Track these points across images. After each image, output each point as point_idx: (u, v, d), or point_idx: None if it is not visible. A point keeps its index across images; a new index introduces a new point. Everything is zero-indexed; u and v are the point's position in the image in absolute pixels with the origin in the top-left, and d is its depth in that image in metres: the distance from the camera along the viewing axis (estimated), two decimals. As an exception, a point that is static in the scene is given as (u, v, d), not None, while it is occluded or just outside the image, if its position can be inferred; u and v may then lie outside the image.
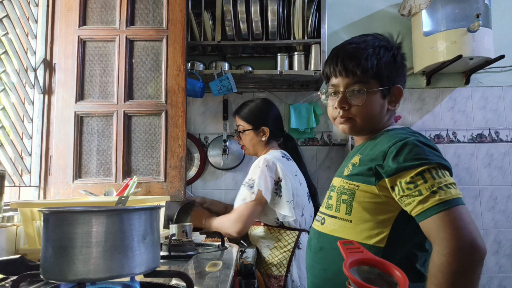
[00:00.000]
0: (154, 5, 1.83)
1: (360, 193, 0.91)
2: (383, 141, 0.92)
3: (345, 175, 0.97)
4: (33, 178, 1.71)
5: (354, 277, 0.58)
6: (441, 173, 0.81)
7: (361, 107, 0.97)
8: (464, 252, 0.74)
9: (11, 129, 1.61)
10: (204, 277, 0.89)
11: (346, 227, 0.93)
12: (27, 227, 1.19)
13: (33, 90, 1.74)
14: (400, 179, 0.83)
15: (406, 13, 2.12)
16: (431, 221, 0.78)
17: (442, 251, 0.75)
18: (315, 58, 1.98)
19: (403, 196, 0.83)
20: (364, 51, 0.97)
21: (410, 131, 0.93)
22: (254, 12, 1.93)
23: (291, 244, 1.57)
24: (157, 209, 0.71)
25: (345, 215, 0.94)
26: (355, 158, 0.97)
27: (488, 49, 1.97)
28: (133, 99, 1.79)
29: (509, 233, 2.15)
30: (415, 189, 0.80)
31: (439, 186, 0.79)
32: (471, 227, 0.76)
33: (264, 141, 1.75)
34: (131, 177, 1.65)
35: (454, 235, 0.75)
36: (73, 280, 0.60)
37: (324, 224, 1.00)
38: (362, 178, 0.91)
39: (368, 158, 0.91)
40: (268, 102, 1.81)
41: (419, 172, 0.81)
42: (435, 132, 2.23)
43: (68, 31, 1.79)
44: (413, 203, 0.81)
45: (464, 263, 0.74)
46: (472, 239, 0.74)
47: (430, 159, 0.82)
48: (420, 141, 0.86)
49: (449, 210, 0.77)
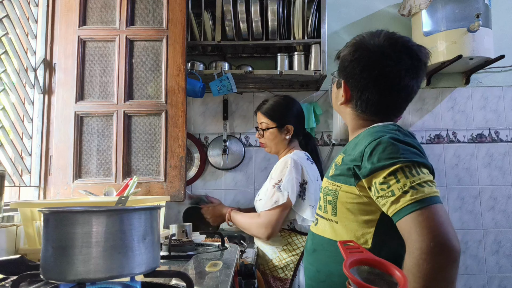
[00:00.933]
0: (154, 5, 1.83)
1: (343, 194, 0.90)
2: (362, 140, 0.90)
3: (329, 176, 0.97)
4: (33, 178, 1.71)
5: (354, 277, 0.58)
6: (415, 171, 0.78)
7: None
8: (435, 253, 0.70)
9: (11, 129, 1.61)
10: (204, 277, 0.89)
11: (333, 228, 0.93)
12: (27, 227, 1.20)
13: (33, 90, 1.74)
14: (375, 180, 0.81)
15: (406, 13, 2.12)
16: (404, 222, 0.75)
17: (413, 252, 0.73)
18: (315, 58, 1.98)
19: (378, 197, 0.81)
20: None
21: (391, 128, 0.90)
22: (254, 12, 1.93)
23: (300, 248, 1.54)
24: (157, 209, 0.71)
25: (331, 216, 0.94)
26: (338, 158, 0.97)
27: (488, 49, 1.97)
28: (133, 99, 1.79)
29: (509, 233, 2.15)
30: (388, 190, 0.78)
31: (412, 185, 0.76)
32: (444, 226, 0.72)
33: (287, 139, 1.69)
34: (131, 177, 1.65)
35: (426, 235, 0.72)
36: (73, 280, 0.60)
37: (317, 225, 1.01)
38: (344, 178, 0.90)
39: (349, 159, 0.90)
40: (291, 99, 1.75)
41: (392, 171, 0.78)
42: (435, 132, 2.23)
43: (68, 31, 1.79)
44: (387, 204, 0.79)
45: (435, 264, 0.70)
46: (445, 240, 0.71)
47: (403, 157, 0.79)
48: (395, 138, 0.83)
49: (421, 209, 0.74)
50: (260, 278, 1.42)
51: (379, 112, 0.98)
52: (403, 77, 0.93)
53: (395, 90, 0.94)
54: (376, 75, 0.93)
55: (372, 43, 0.95)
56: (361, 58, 0.95)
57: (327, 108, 2.23)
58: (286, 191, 1.49)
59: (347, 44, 1.02)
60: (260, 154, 2.23)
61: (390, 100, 0.96)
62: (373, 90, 0.95)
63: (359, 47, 0.97)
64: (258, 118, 1.73)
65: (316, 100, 2.23)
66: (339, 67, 1.03)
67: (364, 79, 0.95)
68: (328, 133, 2.24)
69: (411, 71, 0.93)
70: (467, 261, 2.14)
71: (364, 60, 0.95)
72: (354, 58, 0.96)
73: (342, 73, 1.01)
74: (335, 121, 2.13)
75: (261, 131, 1.72)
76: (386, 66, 0.92)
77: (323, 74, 1.96)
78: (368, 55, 0.94)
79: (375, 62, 0.93)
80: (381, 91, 0.95)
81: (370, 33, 0.99)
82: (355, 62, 0.96)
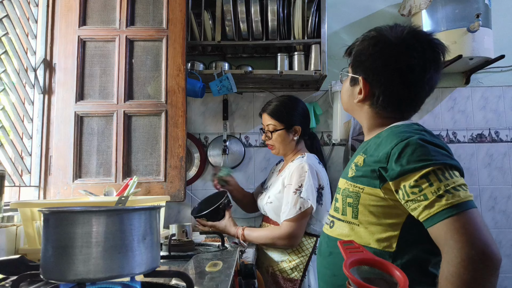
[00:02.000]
0: (154, 5, 1.83)
1: (365, 196, 0.86)
2: (386, 140, 0.86)
3: (349, 177, 0.93)
4: (33, 178, 1.71)
5: (354, 277, 0.58)
6: (448, 174, 0.75)
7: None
8: (476, 261, 0.68)
9: (11, 129, 1.61)
10: (204, 277, 0.89)
11: (354, 230, 0.89)
12: (27, 227, 1.20)
13: (33, 90, 1.74)
14: (404, 183, 0.77)
15: (406, 13, 2.12)
16: (439, 228, 0.72)
17: (451, 260, 0.69)
18: (315, 58, 1.98)
19: (408, 201, 0.77)
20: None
21: (416, 128, 0.87)
22: (254, 12, 1.93)
23: (309, 249, 1.53)
24: (157, 209, 0.71)
25: (351, 218, 0.90)
26: (359, 158, 0.93)
27: (488, 49, 1.97)
28: (133, 99, 1.79)
29: (509, 233, 2.15)
30: (420, 193, 0.75)
31: (446, 189, 0.73)
32: (483, 233, 0.69)
33: (295, 140, 1.66)
34: (131, 177, 1.65)
35: (465, 242, 0.68)
36: (73, 280, 0.60)
37: (333, 227, 0.97)
38: (367, 180, 0.86)
39: (373, 160, 0.86)
40: (296, 99, 1.72)
41: (424, 174, 0.75)
42: (435, 132, 2.22)
43: (68, 31, 1.79)
44: (419, 209, 0.75)
45: (476, 273, 0.67)
46: (485, 246, 0.68)
47: (435, 159, 0.76)
48: (424, 139, 0.80)
49: (458, 215, 0.70)
50: (260, 278, 1.42)
51: (401, 108, 0.95)
52: (428, 69, 0.90)
53: (421, 83, 0.91)
54: (402, 68, 0.89)
55: (394, 35, 0.91)
56: (383, 51, 0.90)
57: (327, 108, 2.23)
58: (308, 197, 1.47)
59: (362, 39, 0.96)
60: (260, 154, 2.23)
61: (416, 93, 0.93)
62: (399, 84, 0.91)
63: (380, 40, 0.92)
64: (264, 120, 1.69)
65: (316, 100, 2.23)
66: (353, 63, 0.98)
67: (388, 73, 0.90)
68: (328, 133, 2.24)
69: (434, 63, 0.90)
70: (467, 261, 2.14)
71: (387, 53, 0.90)
72: (375, 52, 0.91)
73: (359, 68, 0.95)
74: (335, 121, 2.13)
75: (268, 133, 1.67)
76: (412, 58, 0.88)
77: (323, 74, 1.96)
78: (391, 47, 0.90)
79: (400, 54, 0.89)
80: (408, 85, 0.91)
81: (387, 26, 0.94)
82: (376, 55, 0.91)
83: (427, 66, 0.89)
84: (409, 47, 0.89)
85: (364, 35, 0.97)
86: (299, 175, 1.51)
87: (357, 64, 0.97)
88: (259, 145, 2.21)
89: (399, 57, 0.90)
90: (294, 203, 1.47)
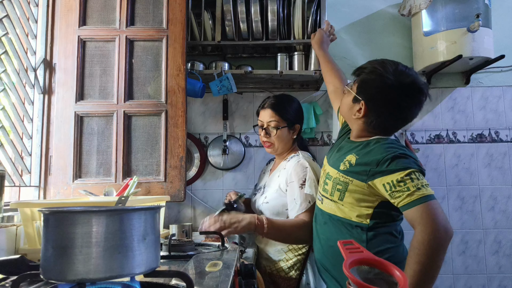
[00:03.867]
0: (154, 5, 1.83)
1: (352, 186, 1.19)
2: (377, 151, 1.16)
3: (341, 169, 1.23)
4: (33, 178, 1.71)
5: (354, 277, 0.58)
6: (420, 176, 1.09)
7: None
8: (441, 233, 1.01)
9: (11, 129, 1.61)
10: (204, 277, 0.89)
11: (340, 208, 1.24)
12: (27, 227, 1.20)
13: (33, 90, 1.74)
14: (392, 178, 1.10)
15: (406, 13, 2.12)
16: (416, 209, 1.04)
17: (425, 230, 1.01)
18: (315, 58, 1.98)
19: (394, 191, 1.08)
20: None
21: (399, 145, 1.20)
22: (254, 12, 1.93)
23: (306, 247, 1.54)
24: (157, 209, 0.71)
25: (338, 200, 1.24)
26: (351, 157, 1.22)
27: (488, 49, 1.97)
28: (133, 99, 1.79)
29: (509, 233, 2.15)
30: (404, 186, 1.07)
31: (422, 185, 1.07)
32: (443, 215, 1.04)
33: (293, 139, 1.68)
34: (131, 177, 1.66)
35: (434, 220, 1.02)
36: (73, 280, 0.60)
37: (323, 203, 1.31)
38: (357, 175, 1.18)
39: (364, 162, 1.17)
40: (293, 97, 1.73)
41: (407, 173, 1.08)
42: (435, 132, 2.23)
43: (68, 31, 1.79)
44: (403, 196, 1.07)
45: (440, 240, 1.01)
46: (445, 224, 1.03)
47: (413, 166, 1.10)
48: (405, 153, 1.14)
49: (428, 202, 1.04)
50: (260, 278, 1.42)
51: (386, 131, 1.25)
52: (413, 110, 1.22)
53: (405, 118, 1.24)
54: (394, 108, 1.20)
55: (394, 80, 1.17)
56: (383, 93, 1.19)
57: (327, 108, 2.23)
58: (312, 192, 1.48)
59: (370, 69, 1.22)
60: (260, 154, 2.23)
61: (400, 124, 1.26)
62: (389, 118, 1.23)
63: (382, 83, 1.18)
64: (265, 116, 1.65)
65: (316, 100, 2.23)
66: (359, 88, 1.24)
67: (383, 108, 1.21)
68: (328, 133, 2.24)
69: (419, 105, 1.22)
70: (467, 261, 2.14)
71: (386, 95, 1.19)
72: (377, 92, 1.20)
73: (363, 95, 1.22)
74: (335, 121, 2.12)
75: (270, 130, 1.64)
76: (404, 102, 1.19)
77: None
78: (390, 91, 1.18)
79: (396, 99, 1.19)
80: (395, 119, 1.23)
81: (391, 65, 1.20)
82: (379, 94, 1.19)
83: (413, 108, 1.22)
84: (404, 94, 1.18)
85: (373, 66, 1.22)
86: (301, 171, 1.53)
87: (362, 90, 1.23)
88: (259, 145, 2.21)
89: (394, 101, 1.19)
90: (302, 198, 1.47)
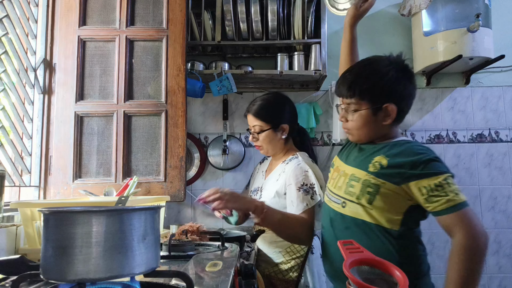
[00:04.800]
0: (154, 5, 1.83)
1: (384, 189, 1.14)
2: (409, 153, 1.14)
3: (371, 171, 1.17)
4: (33, 178, 1.71)
5: (354, 277, 0.58)
6: (454, 181, 1.08)
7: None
8: (482, 238, 1.02)
9: (11, 129, 1.61)
10: (204, 277, 0.89)
11: (367, 212, 1.17)
12: (27, 227, 1.20)
13: (33, 90, 1.74)
14: (429, 182, 1.08)
15: (406, 13, 2.12)
16: (456, 215, 1.04)
17: (466, 234, 1.02)
18: (315, 58, 1.98)
19: (431, 196, 1.07)
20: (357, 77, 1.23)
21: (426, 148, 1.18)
22: (254, 12, 1.93)
23: (304, 249, 1.52)
24: (157, 209, 0.71)
25: (366, 203, 1.16)
26: (381, 158, 1.17)
27: (488, 49, 1.97)
28: (133, 99, 1.79)
29: (509, 233, 2.15)
30: (443, 191, 1.06)
31: (459, 190, 1.06)
32: (480, 221, 1.06)
33: (283, 139, 1.62)
34: (131, 177, 1.65)
35: (475, 225, 1.03)
36: (73, 280, 0.60)
37: (345, 207, 1.23)
38: (390, 178, 1.14)
39: (396, 164, 1.14)
40: (281, 96, 1.67)
41: (445, 178, 1.07)
42: (435, 132, 2.23)
43: (68, 31, 1.79)
44: (441, 201, 1.05)
45: (482, 245, 1.02)
46: (484, 229, 1.04)
47: (449, 171, 1.10)
48: (438, 157, 1.14)
49: (467, 208, 1.05)
50: (260, 278, 1.42)
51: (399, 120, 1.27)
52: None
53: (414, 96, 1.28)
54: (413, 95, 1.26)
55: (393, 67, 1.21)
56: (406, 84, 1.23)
57: (327, 108, 2.23)
58: (311, 193, 1.46)
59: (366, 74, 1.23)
60: (260, 154, 2.21)
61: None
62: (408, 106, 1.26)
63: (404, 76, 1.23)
64: (250, 121, 1.62)
65: (316, 100, 2.23)
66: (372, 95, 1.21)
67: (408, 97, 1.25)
68: (328, 133, 2.24)
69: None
70: (467, 261, 2.14)
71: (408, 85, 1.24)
72: (402, 84, 1.23)
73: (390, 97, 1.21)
74: (335, 121, 2.12)
75: (255, 134, 1.61)
76: (414, 89, 1.26)
77: (323, 74, 1.96)
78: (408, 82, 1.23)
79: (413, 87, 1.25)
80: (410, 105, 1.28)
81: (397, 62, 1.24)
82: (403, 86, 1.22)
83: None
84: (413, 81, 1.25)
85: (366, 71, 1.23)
86: (300, 173, 1.50)
87: (388, 94, 1.21)
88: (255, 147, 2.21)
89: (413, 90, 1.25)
90: (300, 200, 1.46)
